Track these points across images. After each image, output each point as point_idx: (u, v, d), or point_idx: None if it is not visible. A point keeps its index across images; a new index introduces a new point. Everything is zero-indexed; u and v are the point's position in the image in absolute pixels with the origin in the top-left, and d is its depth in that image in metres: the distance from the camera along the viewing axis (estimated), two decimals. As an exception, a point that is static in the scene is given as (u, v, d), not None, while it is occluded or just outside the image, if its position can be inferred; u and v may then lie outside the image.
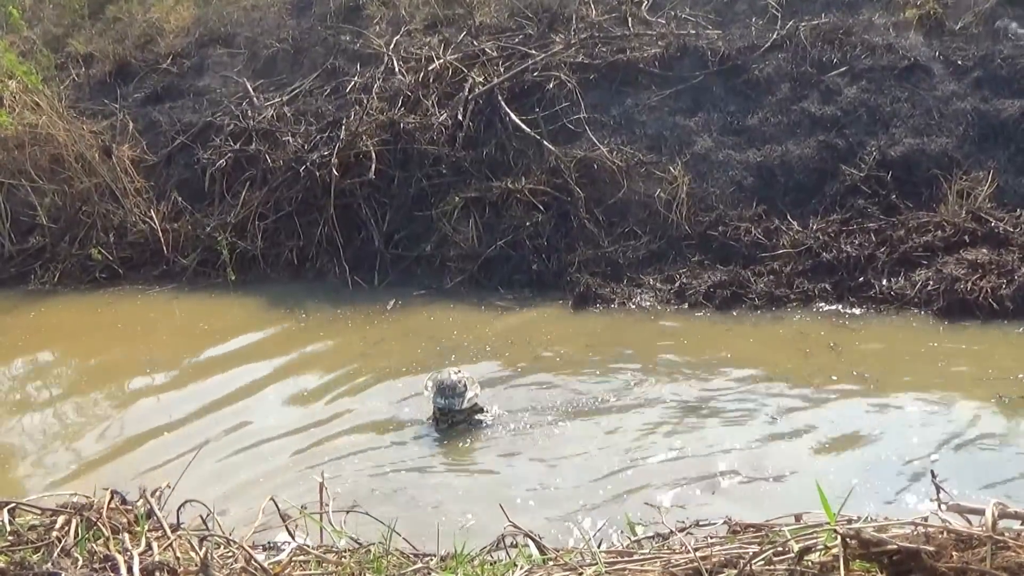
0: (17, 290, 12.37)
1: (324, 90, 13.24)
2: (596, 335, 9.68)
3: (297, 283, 11.73)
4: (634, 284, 10.56)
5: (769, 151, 11.20)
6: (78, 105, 14.16)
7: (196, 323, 11.02)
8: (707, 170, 11.26)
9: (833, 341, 9.02)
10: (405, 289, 11.22)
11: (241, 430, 8.22)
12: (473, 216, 11.43)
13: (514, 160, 11.71)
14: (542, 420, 7.97)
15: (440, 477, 7.31)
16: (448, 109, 12.21)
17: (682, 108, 11.79)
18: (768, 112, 11.52)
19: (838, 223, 10.46)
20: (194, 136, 13.38)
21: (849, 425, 7.54)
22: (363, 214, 11.83)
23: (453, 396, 7.77)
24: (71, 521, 4.29)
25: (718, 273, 10.34)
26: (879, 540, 3.45)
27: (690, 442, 7.48)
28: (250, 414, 8.58)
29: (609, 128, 11.77)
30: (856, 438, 7.36)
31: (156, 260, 12.43)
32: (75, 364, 10.17)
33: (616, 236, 11.01)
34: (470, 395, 7.85)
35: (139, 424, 8.52)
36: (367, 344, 9.91)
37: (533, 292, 10.80)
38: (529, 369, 8.99)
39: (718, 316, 9.84)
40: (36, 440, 8.33)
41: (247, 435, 8.11)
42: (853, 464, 6.96)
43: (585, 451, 7.43)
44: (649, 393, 8.34)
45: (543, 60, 12.32)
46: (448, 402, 7.76)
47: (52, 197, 12.98)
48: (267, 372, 9.44)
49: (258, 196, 12.27)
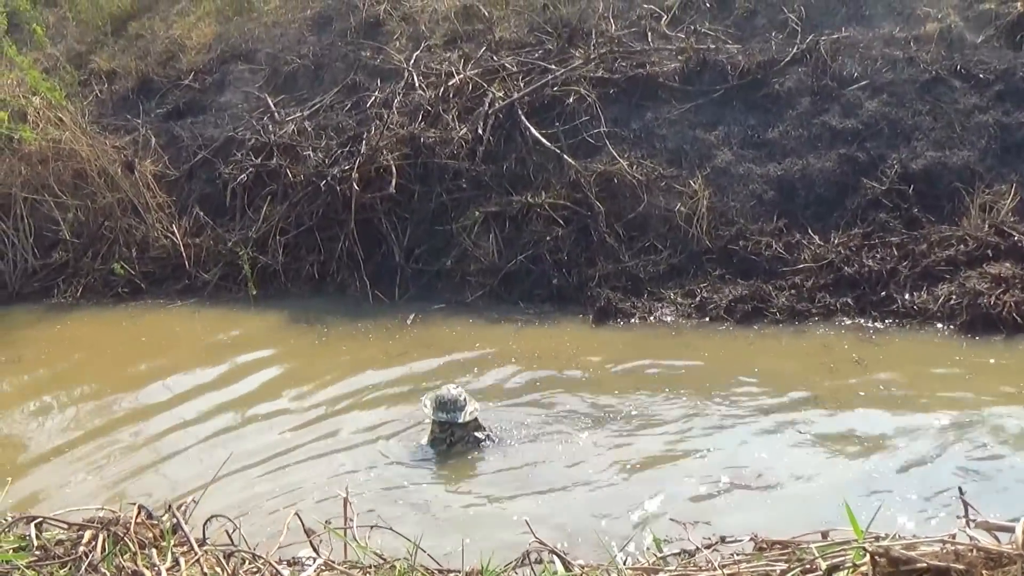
0: (40, 304, 12.46)
1: (345, 105, 13.29)
2: (617, 349, 9.66)
3: (318, 297, 11.76)
4: (655, 298, 10.54)
5: (790, 165, 11.18)
6: (101, 121, 14.27)
7: (217, 337, 11.07)
8: (727, 184, 11.24)
9: (857, 355, 8.98)
10: (425, 303, 11.24)
11: (262, 444, 8.23)
12: (493, 230, 11.44)
13: (534, 174, 11.73)
14: (565, 434, 7.95)
15: (463, 492, 7.30)
16: (468, 123, 12.24)
17: (702, 122, 11.79)
18: (788, 126, 11.49)
19: (860, 237, 10.42)
20: (215, 151, 13.47)
21: (876, 440, 7.49)
22: (383, 228, 11.87)
23: (454, 410, 7.70)
24: (98, 536, 4.29)
25: (739, 287, 10.32)
26: (908, 558, 3.41)
27: (715, 457, 7.45)
28: (271, 428, 8.60)
29: (629, 142, 11.77)
30: (884, 453, 7.31)
31: (178, 275, 12.50)
32: (98, 378, 10.19)
33: (636, 250, 11.00)
34: (470, 409, 7.79)
35: (161, 438, 8.55)
36: (389, 357, 9.93)
37: (553, 306, 10.80)
38: (550, 383, 8.97)
39: (739, 330, 9.81)
40: (61, 453, 8.35)
41: (269, 449, 8.11)
42: (881, 480, 6.91)
43: (608, 466, 7.41)
44: (671, 408, 8.31)
45: (563, 75, 12.34)
46: (450, 416, 7.68)
47: (75, 212, 13.07)
48: (288, 386, 9.46)
49: (279, 211, 12.32)
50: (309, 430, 8.48)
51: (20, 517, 4.53)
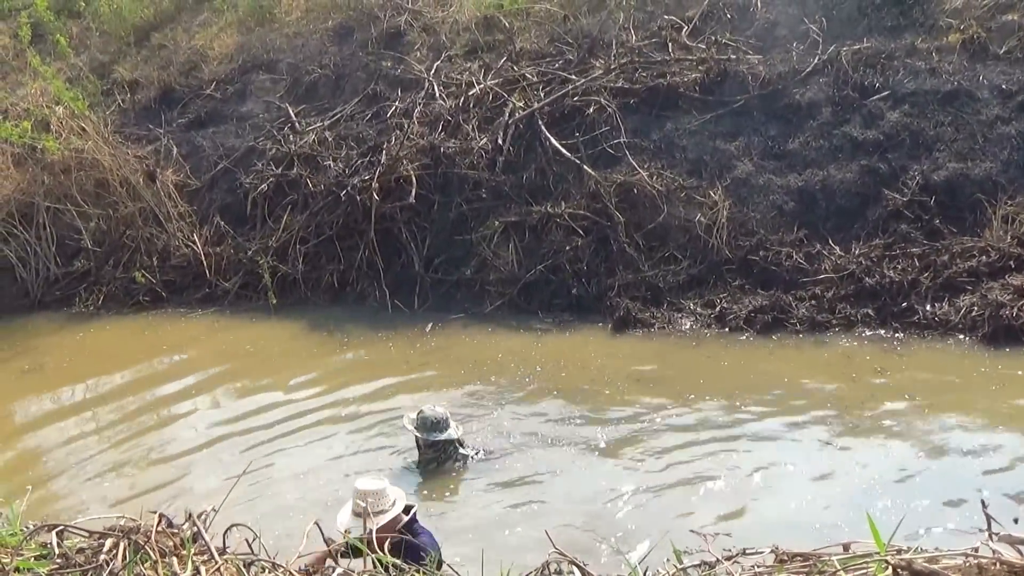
0: (62, 313, 12.56)
1: (365, 115, 13.35)
2: (637, 359, 9.65)
3: (337, 307, 11.81)
4: (674, 308, 10.52)
5: (810, 175, 11.14)
6: (123, 130, 14.38)
7: (238, 346, 11.13)
8: (748, 194, 11.21)
9: (879, 366, 8.95)
10: (444, 313, 11.27)
11: (282, 453, 8.27)
12: (513, 240, 11.46)
13: (554, 184, 11.74)
14: (582, 445, 7.95)
15: (481, 503, 7.30)
16: (488, 134, 12.27)
17: (722, 132, 11.76)
18: (809, 136, 11.46)
19: (881, 248, 10.37)
20: (236, 160, 13.55)
21: (900, 451, 7.47)
22: (403, 238, 11.91)
23: (438, 430, 7.69)
24: (119, 544, 4.28)
25: (759, 298, 10.29)
26: (932, 571, 3.38)
27: (736, 467, 7.43)
28: (291, 437, 8.63)
29: (649, 152, 11.76)
30: (908, 464, 7.28)
31: (198, 283, 12.58)
32: (119, 385, 10.27)
33: (656, 260, 10.99)
34: (451, 428, 7.77)
35: (182, 446, 8.61)
36: (410, 367, 9.95)
37: (573, 316, 10.80)
38: (568, 393, 8.98)
39: (759, 341, 9.79)
40: (82, 461, 8.41)
41: (290, 458, 8.14)
42: (903, 491, 6.88)
43: (625, 478, 7.40)
44: (691, 419, 8.30)
45: (583, 85, 12.35)
46: (433, 436, 7.66)
47: (97, 221, 13.18)
48: (309, 396, 9.51)
49: (299, 220, 12.38)
50: (330, 440, 8.52)
51: (42, 525, 4.54)
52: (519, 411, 8.69)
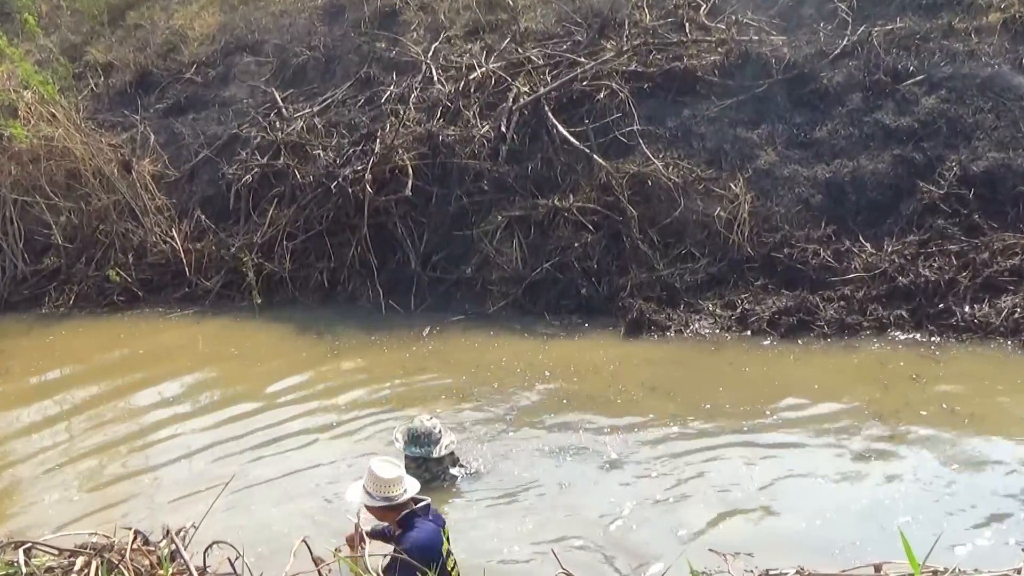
0: (31, 313, 12.57)
1: (357, 100, 13.36)
2: (651, 365, 9.64)
3: (327, 307, 11.82)
4: (692, 310, 10.52)
5: (839, 166, 11.13)
6: (96, 117, 14.41)
7: (220, 349, 11.13)
8: (771, 187, 11.20)
9: (915, 372, 8.92)
10: (443, 314, 11.27)
11: (268, 465, 8.25)
12: (517, 236, 11.45)
13: (561, 176, 11.73)
14: (593, 459, 7.92)
15: (482, 520, 7.27)
16: (491, 121, 12.26)
17: (744, 120, 11.76)
18: (838, 124, 11.44)
19: (915, 245, 10.37)
20: (219, 150, 13.57)
21: (937, 463, 7.44)
22: (398, 234, 11.91)
23: (429, 444, 7.61)
24: (91, 563, 4.30)
25: (783, 298, 10.28)
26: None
27: (758, 481, 7.39)
28: (276, 448, 8.61)
29: (664, 141, 11.75)
30: (945, 478, 7.26)
31: (177, 282, 12.59)
32: (92, 391, 10.26)
33: (672, 258, 10.98)
34: (446, 442, 7.70)
35: (159, 457, 8.60)
36: (406, 373, 9.94)
37: (582, 318, 10.80)
38: (577, 402, 8.96)
39: (784, 345, 9.77)
40: (51, 472, 8.39)
41: (275, 470, 8.13)
42: (940, 507, 6.86)
43: (640, 493, 7.37)
44: (710, 430, 8.27)
45: (593, 68, 12.34)
46: (423, 450, 7.59)
47: (68, 215, 13.18)
48: (297, 403, 9.50)
49: (286, 214, 12.39)
50: (318, 451, 8.50)
51: (7, 542, 4.55)
52: (524, 420, 8.67)
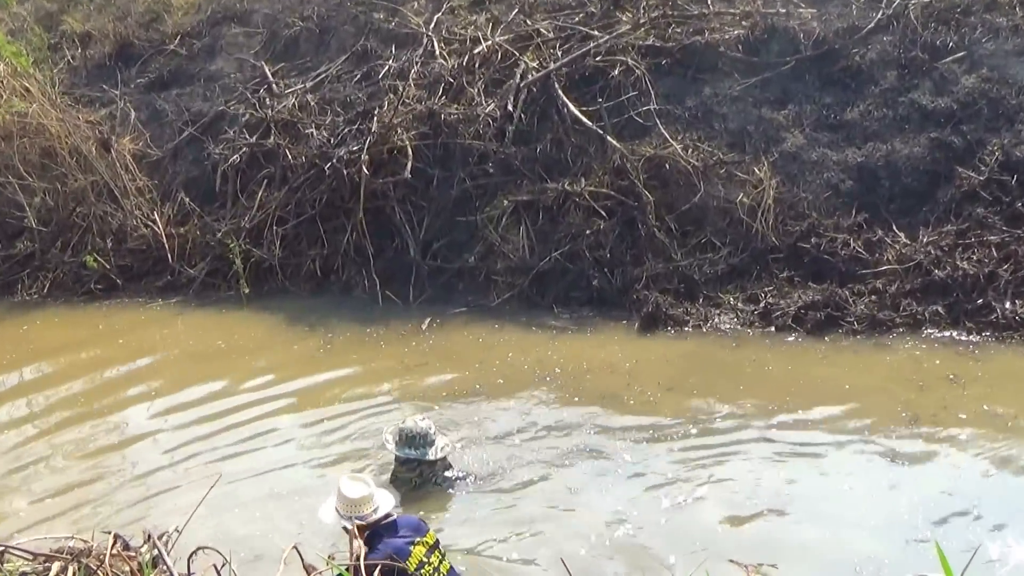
0: (2, 302, 12.61)
1: (353, 75, 13.34)
2: (667, 362, 9.64)
3: (320, 298, 11.82)
4: (711, 304, 10.52)
5: (871, 150, 11.10)
6: (73, 91, 14.40)
7: (205, 341, 11.13)
8: (798, 172, 11.18)
9: (952, 372, 8.90)
10: (444, 306, 11.28)
11: (256, 466, 8.26)
12: (524, 223, 11.44)
13: (572, 158, 11.72)
14: (610, 458, 7.94)
15: (485, 525, 7.27)
16: (496, 98, 12.24)
17: (769, 99, 11.74)
18: (871, 104, 11.42)
19: (953, 235, 10.35)
20: (204, 127, 13.56)
21: (977, 470, 7.43)
22: (397, 219, 11.90)
23: (423, 445, 7.60)
24: (67, 569, 4.31)
25: (810, 292, 10.27)
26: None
27: (783, 488, 7.39)
28: (266, 447, 8.62)
29: (683, 122, 11.73)
30: (985, 486, 7.25)
31: (159, 269, 12.60)
32: (68, 385, 10.26)
33: (690, 248, 10.97)
34: (441, 444, 7.70)
35: (140, 456, 8.60)
36: (405, 368, 9.95)
37: (593, 311, 10.80)
38: (588, 402, 8.95)
39: (810, 342, 9.76)
40: (24, 472, 8.41)
41: (263, 472, 8.14)
42: (982, 518, 6.83)
43: (655, 497, 7.38)
44: (732, 431, 8.27)
45: (607, 42, 12.31)
46: (418, 452, 7.59)
47: (43, 196, 13.18)
48: (287, 400, 9.51)
49: (276, 197, 12.38)
50: (311, 451, 8.51)
51: (-23, 545, 4.55)
52: (532, 420, 8.68)
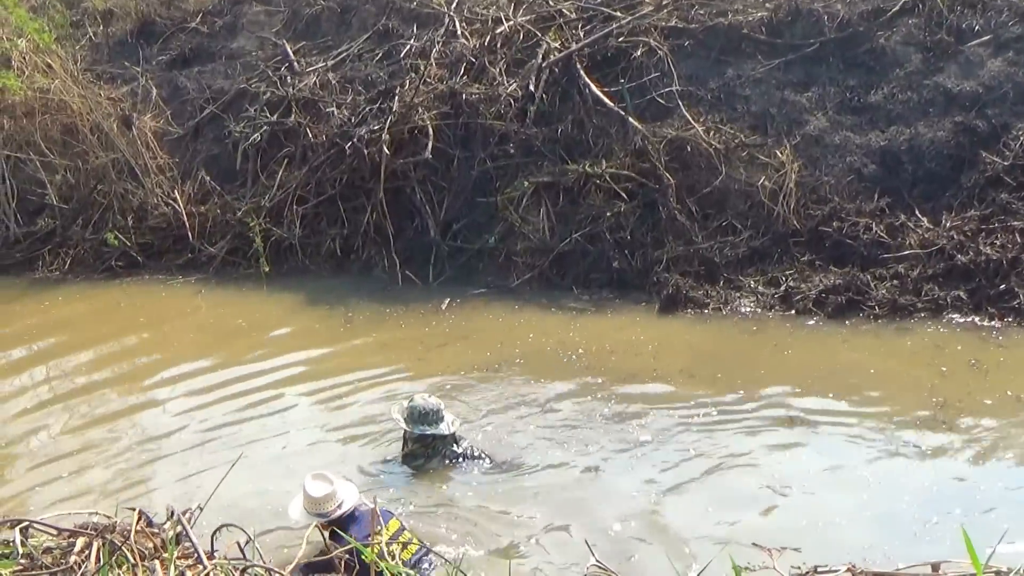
0: (23, 278, 12.63)
1: (375, 54, 13.34)
2: (687, 345, 9.66)
3: (339, 277, 11.88)
4: (732, 287, 10.52)
5: (895, 134, 11.07)
6: (95, 68, 14.41)
7: (224, 320, 11.20)
8: (820, 155, 11.16)
9: (974, 358, 8.89)
10: (463, 287, 11.31)
11: (278, 444, 8.29)
12: (545, 204, 11.45)
13: (594, 139, 11.71)
14: (629, 441, 7.94)
15: (507, 508, 7.27)
16: (518, 79, 12.25)
17: (792, 81, 11.70)
18: (895, 88, 11.38)
19: (976, 220, 10.31)
20: (225, 106, 13.58)
21: (1002, 456, 7.42)
22: (417, 199, 11.92)
23: (437, 421, 7.62)
24: (92, 544, 4.31)
25: (831, 276, 10.27)
26: (1038, 596, 3.38)
27: (804, 472, 7.39)
28: (286, 425, 8.65)
29: (706, 104, 11.72)
30: (1009, 472, 7.24)
31: (180, 247, 12.64)
32: (88, 361, 10.34)
33: (711, 230, 10.98)
34: (450, 419, 7.73)
35: (162, 434, 8.65)
36: (425, 348, 9.98)
37: (613, 293, 10.83)
38: (607, 383, 8.96)
39: (831, 326, 9.77)
40: (46, 448, 8.46)
41: (286, 450, 8.17)
42: (1006, 503, 6.81)
43: (676, 480, 7.39)
44: (752, 415, 8.27)
45: (630, 23, 12.29)
46: (434, 428, 7.60)
47: (64, 173, 13.23)
48: (308, 379, 9.56)
49: (297, 176, 12.41)
50: (331, 431, 8.54)
51: (3, 520, 4.58)
52: (552, 401, 8.70)
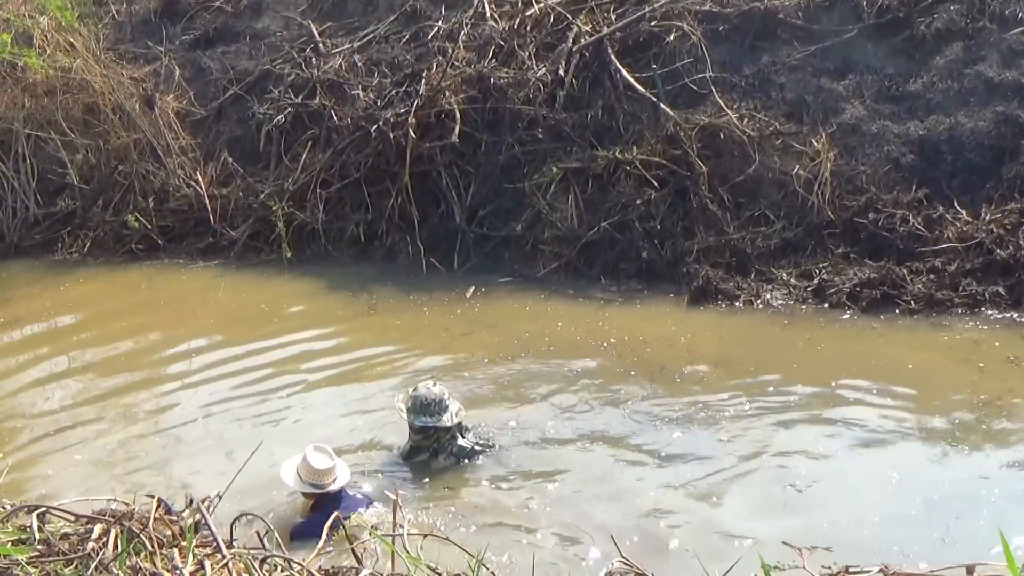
0: (42, 260, 12.68)
1: (402, 36, 13.32)
2: (717, 338, 9.63)
3: (363, 264, 11.88)
4: (763, 279, 10.49)
5: (934, 123, 10.99)
6: (118, 47, 14.43)
7: (246, 304, 11.21)
8: (857, 144, 11.09)
9: (1013, 355, 8.84)
10: (488, 275, 11.30)
11: (299, 432, 8.29)
12: (573, 191, 11.42)
13: (624, 125, 11.67)
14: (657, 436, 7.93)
15: (528, 499, 7.26)
16: (548, 63, 12.21)
17: (829, 69, 11.64)
18: (935, 76, 11.29)
19: (1017, 213, 10.23)
20: (249, 87, 13.59)
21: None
22: (443, 185, 11.91)
23: (440, 411, 7.51)
24: (110, 531, 4.33)
25: (866, 269, 10.21)
26: (1078, 603, 3.34)
27: (836, 470, 7.37)
28: (306, 412, 8.68)
29: (740, 90, 11.68)
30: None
31: (201, 231, 12.66)
32: (107, 345, 10.38)
33: (744, 220, 10.93)
34: (454, 409, 7.63)
35: (180, 420, 8.68)
36: (450, 336, 9.99)
37: (641, 283, 10.80)
38: (634, 376, 8.95)
39: (865, 320, 9.72)
40: (64, 433, 8.50)
41: (306, 438, 8.14)
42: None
43: (704, 475, 7.37)
44: (782, 410, 8.23)
45: (663, 7, 12.22)
46: (435, 419, 7.50)
47: (85, 153, 13.27)
48: (330, 367, 9.56)
49: (321, 160, 12.40)
50: (356, 420, 8.54)
51: (20, 505, 4.60)
52: (579, 392, 8.70)
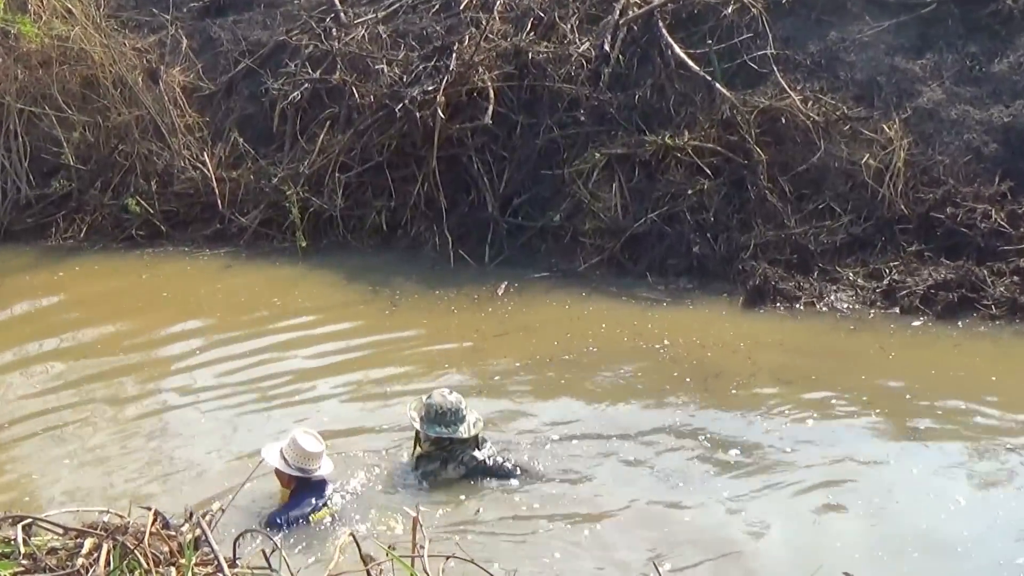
0: (35, 246, 12.69)
1: (431, 6, 13.30)
2: (775, 344, 9.57)
3: (385, 255, 11.85)
4: (827, 278, 10.44)
5: (1021, 109, 10.91)
6: (119, 15, 14.45)
7: (256, 298, 11.20)
8: (934, 131, 11.03)
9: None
10: (523, 270, 11.27)
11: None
12: (618, 179, 11.36)
13: (675, 108, 11.62)
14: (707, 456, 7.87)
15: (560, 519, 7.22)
16: (592, 37, 12.17)
17: (904, 46, 11.58)
18: (1022, 56, 11.23)
19: (1111, 209, 10.17)
20: (263, 60, 13.57)
21: None
22: (474, 170, 11.88)
23: (456, 422, 7.46)
24: (101, 546, 4.32)
25: (942, 269, 10.15)
26: None
27: (907, 495, 7.29)
28: (319, 417, 8.61)
29: (804, 70, 11.62)
30: None
31: (207, 216, 12.66)
32: (104, 339, 10.39)
33: (806, 214, 10.87)
34: (472, 419, 7.57)
35: (182, 424, 8.66)
36: (482, 336, 9.96)
37: (692, 282, 10.76)
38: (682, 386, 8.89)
39: (940, 327, 9.64)
40: (54, 436, 8.47)
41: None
42: None
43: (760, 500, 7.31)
44: (848, 427, 8.18)
45: (720, -24, 12.18)
46: (451, 430, 7.45)
47: (82, 131, 13.27)
48: (347, 368, 9.54)
49: (340, 141, 12.38)
50: (370, 429, 8.49)
51: (4, 516, 4.60)
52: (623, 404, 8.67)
